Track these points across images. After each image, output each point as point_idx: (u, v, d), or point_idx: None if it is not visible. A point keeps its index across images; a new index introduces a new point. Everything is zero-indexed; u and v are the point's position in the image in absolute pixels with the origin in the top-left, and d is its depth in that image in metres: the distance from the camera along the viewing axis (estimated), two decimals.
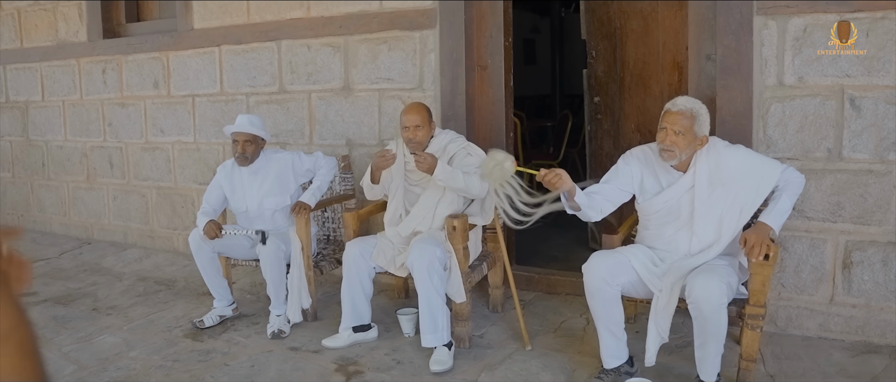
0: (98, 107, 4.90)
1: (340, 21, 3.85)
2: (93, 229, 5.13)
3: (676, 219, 2.62)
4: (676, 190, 2.60)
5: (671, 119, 2.53)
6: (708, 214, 2.55)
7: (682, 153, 2.54)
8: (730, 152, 2.59)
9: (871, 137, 2.81)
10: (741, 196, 2.54)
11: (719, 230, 2.55)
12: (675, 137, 2.51)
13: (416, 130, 3.03)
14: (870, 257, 2.87)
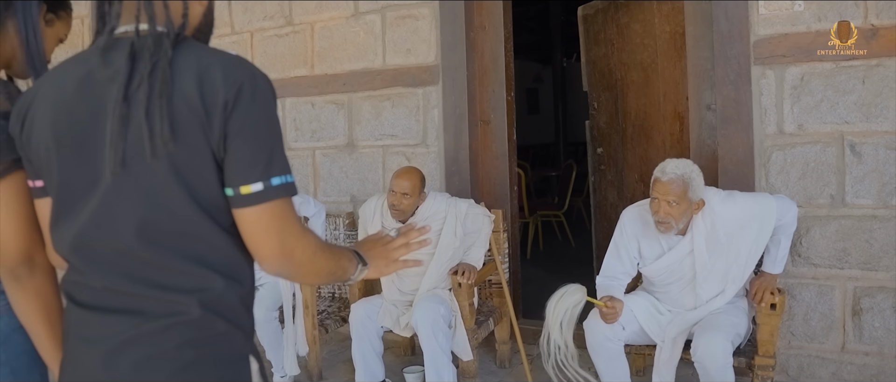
0: None
1: (344, 78, 3.92)
2: None
3: (680, 279, 2.60)
4: (676, 255, 2.55)
5: (663, 189, 2.41)
6: (710, 275, 2.53)
7: (679, 223, 2.46)
8: (725, 207, 2.51)
9: (874, 183, 2.83)
10: (744, 249, 2.50)
11: (724, 284, 2.52)
12: (669, 209, 2.41)
13: (402, 198, 2.93)
14: (879, 303, 2.85)
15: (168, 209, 0.98)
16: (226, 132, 0.98)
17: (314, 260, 1.07)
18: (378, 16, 3.82)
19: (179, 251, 1.00)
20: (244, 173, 0.98)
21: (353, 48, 3.90)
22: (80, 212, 1.02)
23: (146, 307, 1.00)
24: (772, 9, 2.92)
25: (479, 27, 3.68)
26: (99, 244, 1.01)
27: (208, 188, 1.00)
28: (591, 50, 4.21)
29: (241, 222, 1.01)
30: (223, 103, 0.97)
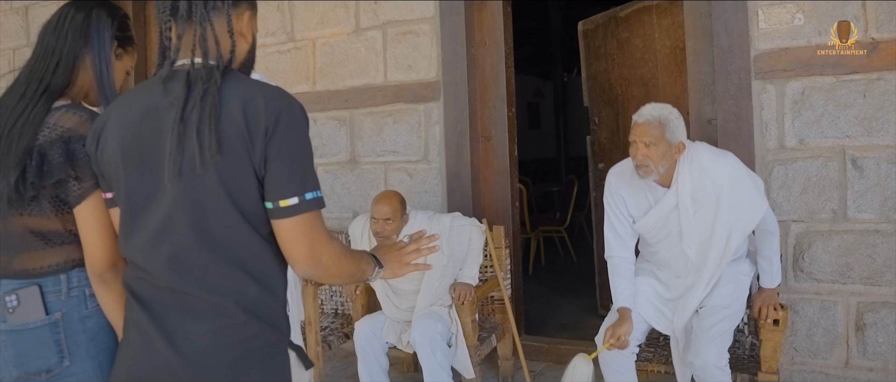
0: None
1: (346, 95, 3.93)
2: None
3: (668, 236, 2.52)
4: (662, 209, 2.47)
5: (639, 131, 2.37)
6: (695, 235, 2.44)
7: (659, 166, 2.36)
8: (714, 163, 2.42)
9: (876, 197, 2.82)
10: (726, 221, 2.39)
11: (708, 253, 2.43)
12: (646, 150, 2.34)
13: (385, 224, 2.87)
14: (883, 318, 2.83)
15: (216, 216, 1.17)
16: (266, 154, 1.16)
17: (339, 264, 1.27)
18: (379, 32, 3.84)
19: (226, 255, 1.17)
20: (282, 189, 1.17)
21: (354, 64, 3.92)
22: (143, 219, 1.21)
23: (198, 307, 1.18)
24: (772, 23, 2.92)
25: (480, 43, 3.69)
26: (160, 247, 1.18)
27: (250, 201, 1.18)
28: (591, 65, 4.23)
29: (278, 231, 1.19)
30: (264, 129, 1.15)
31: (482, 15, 3.69)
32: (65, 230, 1.43)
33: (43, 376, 1.43)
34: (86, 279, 1.45)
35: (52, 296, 1.44)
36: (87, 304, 1.47)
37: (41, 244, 1.43)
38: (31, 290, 1.42)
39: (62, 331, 1.44)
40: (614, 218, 2.62)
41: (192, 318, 1.18)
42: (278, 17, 4.14)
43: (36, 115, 1.41)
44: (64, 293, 1.45)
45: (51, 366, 1.42)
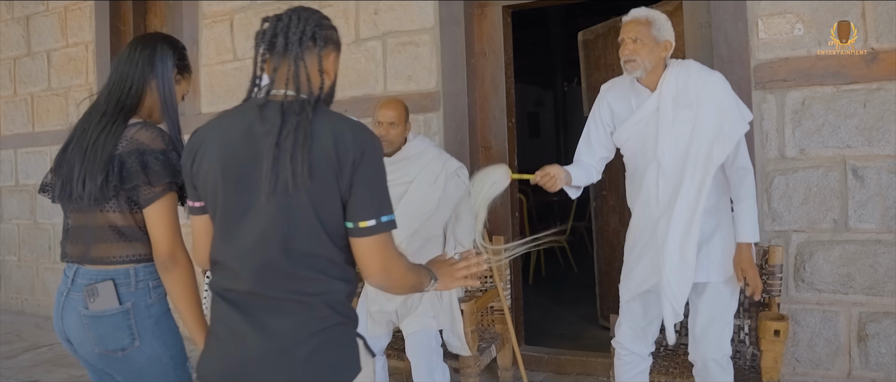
0: None
1: (346, 105, 3.92)
2: None
3: (643, 146, 2.42)
4: (643, 112, 2.40)
5: (627, 29, 2.38)
6: (671, 139, 2.34)
7: (646, 61, 2.33)
8: (703, 74, 2.37)
9: (877, 207, 2.81)
10: (708, 128, 2.29)
11: (684, 167, 2.30)
12: (633, 46, 2.34)
13: (389, 128, 2.79)
14: (885, 329, 2.82)
15: (304, 232, 1.35)
16: (352, 181, 1.35)
17: (405, 276, 1.46)
18: (379, 42, 3.84)
19: (309, 264, 1.37)
20: (363, 213, 1.36)
21: (354, 75, 3.92)
22: (239, 231, 1.38)
23: (283, 306, 1.37)
24: (772, 33, 2.93)
25: (480, 53, 3.69)
26: (252, 256, 1.37)
27: (333, 220, 1.37)
28: (591, 75, 4.23)
29: (356, 247, 1.40)
30: (352, 160, 1.34)
31: (482, 25, 3.69)
32: (137, 227, 1.75)
33: (119, 353, 1.77)
34: (149, 274, 1.79)
35: (123, 288, 1.76)
36: (150, 295, 1.80)
37: (116, 237, 1.75)
38: (107, 284, 1.75)
39: (132, 317, 1.77)
40: (593, 126, 2.60)
41: (278, 314, 1.37)
42: None
43: (116, 129, 1.73)
44: (133, 285, 1.77)
45: (125, 345, 1.76)
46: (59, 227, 5.11)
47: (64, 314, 1.82)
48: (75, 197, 1.73)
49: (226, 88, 4.36)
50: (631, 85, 2.46)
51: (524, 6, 3.69)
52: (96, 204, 1.72)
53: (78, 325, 1.79)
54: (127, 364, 1.80)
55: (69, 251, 1.83)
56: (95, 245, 1.76)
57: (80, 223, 1.80)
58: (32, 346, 4.52)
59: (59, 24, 5.16)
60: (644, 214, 2.43)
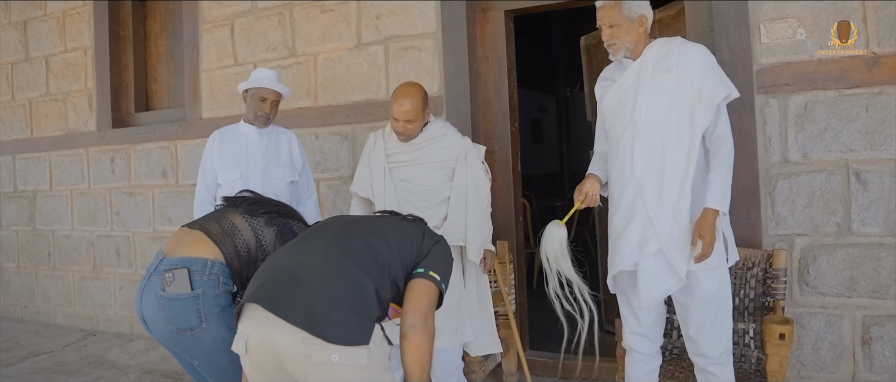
0: (106, 196, 4.94)
1: (348, 110, 3.93)
2: (98, 319, 5.07)
3: (622, 110, 2.43)
4: (626, 77, 2.44)
5: (600, 15, 2.44)
6: (648, 100, 2.35)
7: (625, 41, 2.41)
8: (686, 44, 2.41)
9: (880, 211, 2.82)
10: (688, 91, 2.30)
11: (665, 133, 2.32)
12: (610, 31, 2.41)
13: (407, 125, 2.81)
14: (889, 331, 2.83)
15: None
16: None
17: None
18: (381, 47, 3.84)
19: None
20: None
21: (356, 80, 3.92)
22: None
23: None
24: (774, 38, 2.94)
25: (482, 58, 3.70)
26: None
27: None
28: (594, 80, 4.19)
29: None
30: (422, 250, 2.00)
31: (484, 30, 3.70)
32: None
33: (188, 332, 2.05)
34: (223, 272, 2.11)
35: (197, 276, 2.05)
36: (219, 287, 2.10)
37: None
38: (182, 271, 2.04)
39: (201, 302, 2.05)
40: (599, 114, 2.63)
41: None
42: (280, 32, 4.15)
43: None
44: (206, 274, 2.07)
45: (193, 326, 2.05)
46: (58, 233, 5.09)
47: (143, 295, 2.10)
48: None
49: (226, 94, 4.35)
50: (617, 65, 2.52)
51: (526, 10, 3.69)
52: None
53: (154, 304, 2.05)
54: (195, 343, 2.06)
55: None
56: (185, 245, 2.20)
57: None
58: (32, 353, 4.49)
59: (58, 28, 5.14)
60: (620, 179, 2.42)
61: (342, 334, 1.68)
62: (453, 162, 2.91)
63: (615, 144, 2.45)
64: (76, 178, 5.09)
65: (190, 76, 4.49)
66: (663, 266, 2.34)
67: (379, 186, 2.93)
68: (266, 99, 3.10)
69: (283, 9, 4.14)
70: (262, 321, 1.72)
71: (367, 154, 3.05)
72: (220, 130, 3.20)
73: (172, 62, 4.88)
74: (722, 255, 2.36)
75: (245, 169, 3.08)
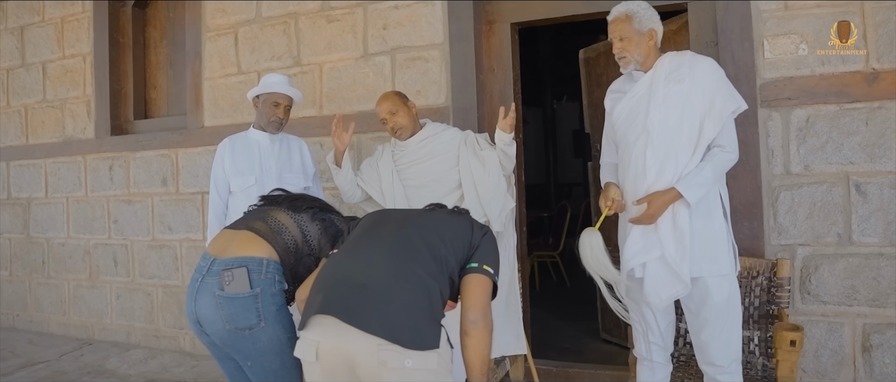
0: (104, 204, 4.91)
1: (353, 119, 3.92)
2: (94, 329, 5.03)
3: (635, 121, 2.50)
4: (638, 88, 2.52)
5: (611, 29, 2.53)
6: (661, 109, 2.41)
7: (636, 54, 2.49)
8: (697, 57, 2.49)
9: (879, 222, 2.91)
10: (699, 102, 2.37)
11: (676, 142, 2.38)
12: (620, 44, 2.50)
13: (393, 117, 3.00)
14: (888, 339, 2.91)
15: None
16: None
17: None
18: (387, 57, 3.88)
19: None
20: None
21: (362, 89, 3.95)
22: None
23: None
24: (777, 53, 3.03)
25: (488, 69, 3.75)
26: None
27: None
28: (592, 92, 4.31)
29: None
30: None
31: (490, 42, 3.75)
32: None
33: (246, 332, 2.08)
34: (278, 270, 2.15)
35: (255, 275, 2.08)
36: (275, 286, 2.13)
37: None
38: (241, 270, 2.07)
39: (260, 301, 2.08)
40: (607, 125, 2.71)
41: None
42: (285, 41, 4.18)
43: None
44: (263, 273, 2.10)
45: (252, 325, 2.08)
46: (53, 241, 5.04)
47: (198, 297, 2.11)
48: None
49: (230, 102, 4.36)
50: (627, 77, 2.60)
51: (532, 24, 3.76)
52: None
53: (212, 305, 2.08)
54: (252, 342, 2.09)
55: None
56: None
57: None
58: (28, 363, 4.44)
59: (56, 34, 5.12)
60: (633, 186, 2.48)
61: (416, 338, 1.72)
62: (455, 150, 3.04)
63: (627, 152, 2.51)
64: (73, 185, 5.06)
65: (192, 84, 4.50)
66: (667, 271, 2.40)
67: (388, 188, 3.05)
68: (279, 104, 3.12)
69: (289, 18, 4.16)
70: (334, 329, 1.74)
71: (375, 159, 3.18)
72: (231, 138, 3.19)
73: (172, 70, 4.88)
74: (733, 263, 2.42)
75: (260, 175, 3.08)
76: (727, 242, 2.41)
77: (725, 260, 2.39)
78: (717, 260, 2.39)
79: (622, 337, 4.23)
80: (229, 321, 2.07)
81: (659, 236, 2.37)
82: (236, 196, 3.09)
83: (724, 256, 2.40)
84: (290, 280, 2.24)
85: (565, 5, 3.58)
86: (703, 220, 2.39)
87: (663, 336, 2.59)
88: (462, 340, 1.87)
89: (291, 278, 2.25)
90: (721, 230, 2.41)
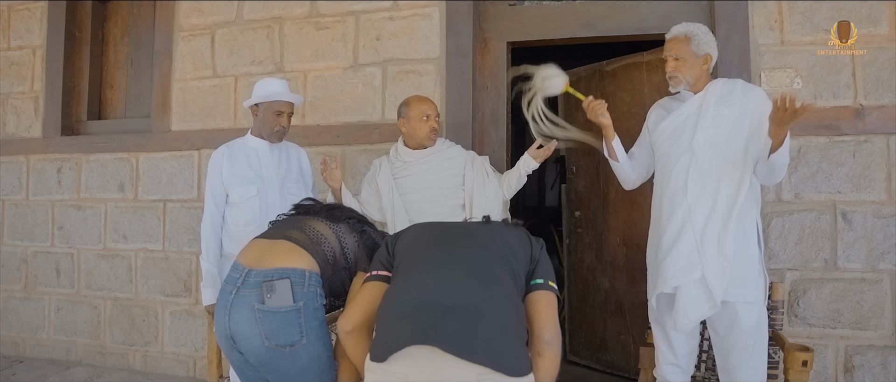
0: (47, 208, 4.52)
1: (338, 130, 3.84)
2: (26, 345, 4.58)
3: (679, 138, 2.56)
4: (687, 107, 2.58)
5: (668, 47, 2.60)
6: (708, 130, 2.48)
7: (688, 75, 2.56)
8: (749, 85, 2.57)
9: (863, 248, 3.08)
10: (747, 125, 2.44)
11: (721, 164, 2.43)
12: (674, 63, 2.56)
13: (437, 121, 3.03)
14: (869, 360, 3.07)
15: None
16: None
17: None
18: (379, 69, 3.81)
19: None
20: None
21: (349, 100, 3.85)
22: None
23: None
24: (773, 85, 3.18)
25: (482, 87, 3.75)
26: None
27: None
28: (571, 115, 4.37)
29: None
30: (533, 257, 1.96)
31: (485, 59, 3.76)
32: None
33: (287, 349, 1.93)
34: (319, 283, 2.02)
35: (297, 288, 1.94)
36: (317, 300, 2.01)
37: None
38: (284, 282, 1.92)
39: (303, 316, 1.94)
40: (638, 143, 2.85)
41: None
42: (267, 46, 4.03)
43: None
44: (306, 286, 1.97)
45: (293, 342, 1.93)
46: (28, 251, 4.55)
47: (233, 311, 1.95)
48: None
49: (201, 106, 4.14)
50: (674, 96, 2.69)
51: (527, 44, 3.79)
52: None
53: (249, 319, 1.91)
54: (292, 360, 1.93)
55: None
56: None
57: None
58: None
59: (0, 24, 4.72)
60: (671, 203, 2.52)
61: (515, 364, 1.60)
62: (461, 169, 3.04)
63: (668, 169, 2.55)
64: (12, 187, 4.64)
65: (159, 85, 4.24)
66: (702, 292, 2.44)
67: (388, 204, 2.98)
68: (282, 113, 2.97)
69: (273, 22, 4.02)
70: (427, 360, 1.58)
71: (372, 177, 3.10)
72: (228, 146, 3.01)
73: (133, 69, 4.60)
74: (761, 291, 2.49)
75: (261, 185, 2.92)
76: (758, 269, 2.48)
77: (754, 287, 2.46)
78: (746, 286, 2.45)
79: (591, 359, 4.26)
80: (269, 337, 1.92)
81: (702, 257, 2.40)
82: (237, 206, 2.91)
83: (753, 282, 2.46)
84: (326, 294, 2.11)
85: (564, 28, 3.63)
86: (738, 244, 2.44)
87: (685, 359, 2.62)
88: (535, 361, 1.73)
89: (328, 291, 2.12)
90: (753, 257, 2.48)
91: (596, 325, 4.20)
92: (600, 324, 4.17)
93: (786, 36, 3.19)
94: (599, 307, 4.15)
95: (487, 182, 3.02)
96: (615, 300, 4.01)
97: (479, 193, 2.97)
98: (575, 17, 3.62)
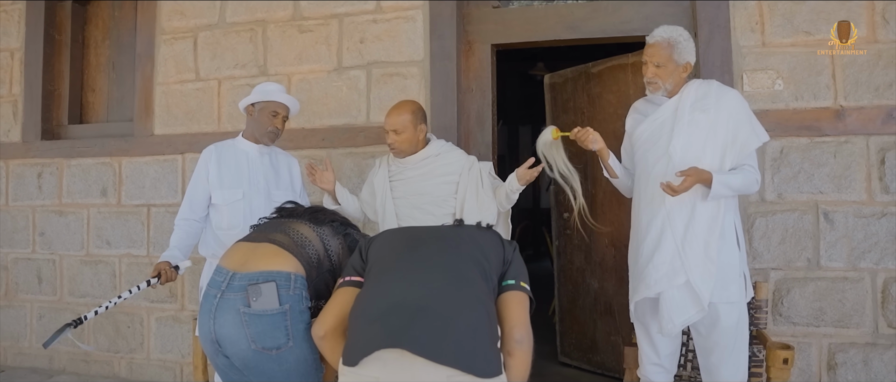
0: (28, 214, 4.46)
1: (323, 134, 3.83)
2: (7, 353, 4.53)
3: (656, 143, 2.56)
4: (662, 113, 2.57)
5: (649, 52, 2.54)
6: (684, 135, 2.48)
7: (667, 82, 2.55)
8: (724, 88, 2.56)
9: (844, 248, 3.12)
10: (723, 132, 2.45)
11: (694, 165, 2.42)
12: (655, 70, 2.53)
13: (394, 136, 2.85)
14: (852, 357, 3.11)
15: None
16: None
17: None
18: (363, 72, 3.80)
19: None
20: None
21: (334, 103, 3.84)
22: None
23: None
24: (755, 87, 3.21)
25: (467, 89, 3.75)
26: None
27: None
28: (558, 117, 4.38)
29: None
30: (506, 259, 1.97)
31: (469, 62, 3.75)
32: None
33: (273, 352, 1.93)
34: (304, 286, 2.02)
35: (283, 290, 1.94)
36: (303, 302, 2.00)
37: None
38: (270, 285, 1.92)
39: (289, 319, 1.94)
40: (624, 147, 2.83)
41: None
42: (251, 49, 4.00)
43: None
44: (291, 288, 1.97)
45: (280, 345, 1.93)
46: (8, 257, 4.49)
47: (217, 314, 1.94)
48: None
49: (184, 110, 4.11)
50: (649, 100, 2.68)
51: (512, 46, 3.79)
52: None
53: (235, 323, 1.91)
54: (278, 363, 1.94)
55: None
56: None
57: None
58: None
59: None
60: (649, 208, 2.54)
61: (486, 366, 1.61)
62: (456, 176, 2.95)
63: (646, 174, 2.57)
64: None
65: (141, 89, 4.20)
66: (688, 296, 2.46)
67: (380, 204, 2.97)
68: (278, 114, 2.96)
69: (256, 25, 3.99)
70: (397, 363, 1.60)
71: (371, 177, 3.09)
72: (216, 146, 2.98)
73: (115, 73, 4.54)
74: (743, 292, 2.51)
75: (247, 189, 2.90)
76: (739, 270, 2.50)
77: (736, 288, 2.48)
78: (727, 288, 2.47)
79: (582, 360, 4.28)
80: (256, 340, 1.92)
81: (684, 262, 2.42)
82: (220, 209, 2.89)
83: (734, 284, 2.48)
84: (311, 296, 2.11)
85: (548, 30, 3.64)
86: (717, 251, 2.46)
87: (668, 359, 2.63)
88: (506, 361, 1.76)
89: (313, 294, 2.12)
90: (733, 258, 2.49)
91: (586, 326, 4.22)
92: (590, 325, 4.19)
93: (767, 37, 3.22)
94: (589, 309, 4.17)
95: (481, 191, 2.93)
96: (605, 301, 4.03)
97: (470, 202, 2.90)
98: (559, 19, 3.63)
